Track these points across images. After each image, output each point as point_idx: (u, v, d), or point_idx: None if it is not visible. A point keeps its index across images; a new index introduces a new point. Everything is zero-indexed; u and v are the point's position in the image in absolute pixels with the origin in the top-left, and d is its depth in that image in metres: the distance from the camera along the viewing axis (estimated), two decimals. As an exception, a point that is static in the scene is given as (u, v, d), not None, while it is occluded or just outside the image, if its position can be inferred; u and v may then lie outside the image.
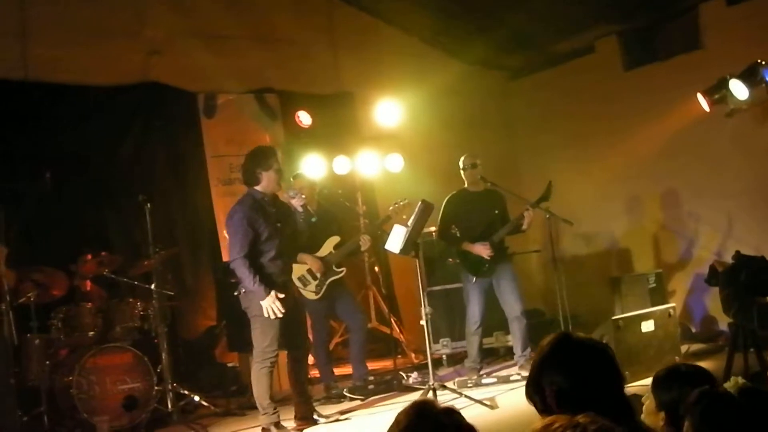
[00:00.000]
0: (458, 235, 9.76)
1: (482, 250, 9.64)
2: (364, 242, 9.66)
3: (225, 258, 10.94)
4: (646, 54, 12.51)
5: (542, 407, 3.10)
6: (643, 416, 3.79)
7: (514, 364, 9.90)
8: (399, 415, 2.67)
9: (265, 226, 7.81)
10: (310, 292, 9.35)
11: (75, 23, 10.58)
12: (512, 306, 9.79)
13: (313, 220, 8.48)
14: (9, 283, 8.06)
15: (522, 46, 13.58)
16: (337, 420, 8.22)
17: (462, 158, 9.95)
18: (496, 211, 9.92)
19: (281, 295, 7.69)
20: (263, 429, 7.91)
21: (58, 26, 10.45)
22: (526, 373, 9.26)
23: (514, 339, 9.87)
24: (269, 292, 7.62)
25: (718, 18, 11.50)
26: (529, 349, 9.70)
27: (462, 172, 9.92)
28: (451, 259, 10.10)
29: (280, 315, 7.64)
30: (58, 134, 10.19)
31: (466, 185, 9.97)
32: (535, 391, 3.13)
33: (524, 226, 9.78)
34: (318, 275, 9.39)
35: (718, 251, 11.37)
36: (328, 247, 9.54)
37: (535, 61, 13.91)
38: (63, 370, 8.84)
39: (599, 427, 2.21)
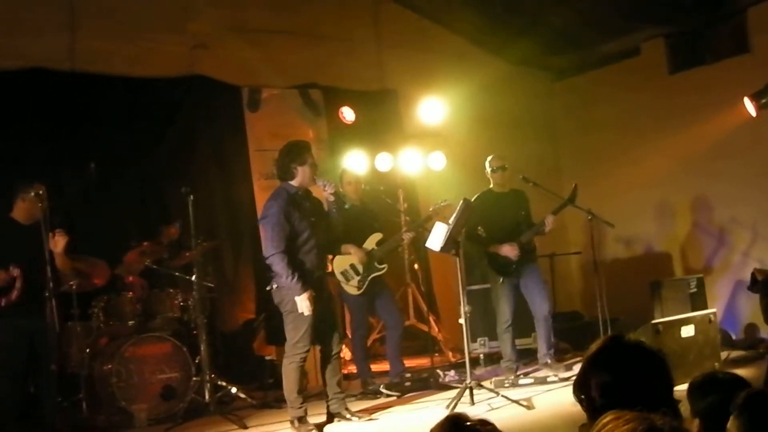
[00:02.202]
0: (484, 236, 9.74)
1: (509, 250, 9.64)
2: (407, 237, 9.71)
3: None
4: (692, 57, 12.42)
5: (587, 405, 3.07)
6: None
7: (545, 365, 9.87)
8: (433, 428, 2.64)
9: (300, 220, 7.80)
10: (352, 287, 9.39)
11: (122, 16, 10.69)
12: (540, 306, 9.80)
13: (347, 206, 8.42)
14: (66, 269, 8.19)
15: (567, 47, 13.53)
16: (369, 419, 8.20)
17: (489, 159, 9.92)
18: (522, 212, 9.93)
19: (313, 293, 7.71)
20: (290, 422, 7.95)
21: (105, 18, 10.55)
22: (561, 374, 9.29)
23: (539, 338, 9.90)
24: (306, 289, 7.63)
25: (767, 21, 11.40)
26: (552, 349, 9.84)
27: (489, 174, 9.91)
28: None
29: (308, 312, 7.67)
30: (103, 125, 10.29)
31: (491, 186, 9.96)
32: (581, 389, 3.10)
33: (546, 230, 9.78)
34: (360, 269, 9.42)
35: (761, 258, 11.28)
36: (370, 244, 9.54)
37: (580, 63, 13.84)
38: (102, 358, 8.96)
39: (669, 424, 2.18)
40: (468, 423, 2.57)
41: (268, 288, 8.01)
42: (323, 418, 8.05)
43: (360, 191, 9.82)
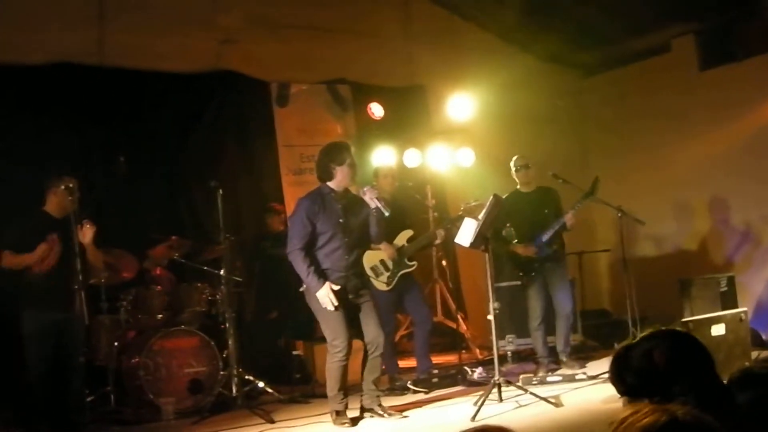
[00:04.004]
0: (513, 233, 9.76)
1: (523, 250, 9.77)
2: (440, 236, 9.69)
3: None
4: (723, 54, 12.31)
5: (623, 389, 3.04)
6: None
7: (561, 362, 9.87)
8: None
9: (325, 221, 7.83)
10: (381, 283, 9.37)
11: (151, 10, 10.71)
12: (562, 303, 9.90)
13: (387, 214, 8.35)
14: (97, 262, 8.24)
15: (596, 44, 13.46)
16: (401, 417, 8.14)
17: (513, 159, 10.00)
18: (546, 211, 9.92)
19: (335, 287, 7.71)
20: (329, 413, 7.96)
21: (134, 12, 10.56)
22: (577, 371, 9.26)
23: (559, 334, 9.98)
24: (323, 284, 7.67)
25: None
26: (569, 348, 9.94)
27: (514, 173, 9.97)
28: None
29: (332, 307, 7.67)
30: (132, 119, 10.33)
31: (518, 186, 9.99)
32: (618, 374, 3.07)
33: (568, 227, 9.79)
34: (390, 265, 9.41)
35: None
36: (401, 240, 9.54)
37: (610, 59, 13.75)
38: (130, 351, 9.00)
39: (690, 414, 2.14)
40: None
41: (300, 289, 8.04)
42: (356, 413, 8.04)
43: (394, 186, 9.78)
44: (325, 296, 7.65)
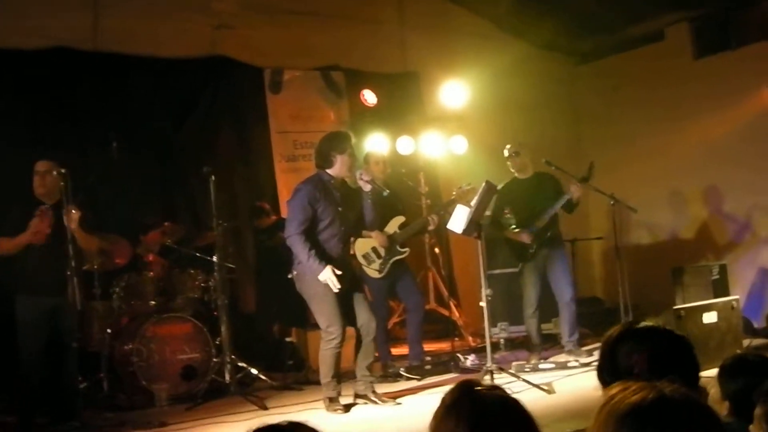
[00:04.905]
0: (512, 219, 9.74)
1: (517, 236, 9.72)
2: (432, 222, 9.65)
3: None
4: (717, 42, 12.31)
5: (601, 380, 3.05)
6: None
7: (568, 351, 9.82)
8: (445, 396, 2.60)
9: (325, 207, 7.82)
10: (373, 270, 9.37)
11: (146, -5, 10.67)
12: (563, 291, 9.84)
13: (385, 194, 8.35)
14: (90, 247, 8.19)
15: (591, 31, 13.45)
16: (395, 404, 8.16)
17: (506, 148, 9.96)
18: (545, 196, 9.84)
19: (338, 272, 7.70)
20: (322, 400, 7.97)
21: (129, -3, 10.53)
22: (583, 359, 9.25)
23: (563, 323, 9.91)
24: (325, 266, 7.63)
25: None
26: (576, 334, 9.82)
27: (507, 161, 9.93)
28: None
29: (336, 289, 7.66)
30: (125, 105, 10.29)
31: (515, 174, 9.96)
32: (600, 366, 3.08)
33: (575, 200, 9.64)
34: (382, 253, 9.40)
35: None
36: (393, 227, 9.51)
37: (604, 46, 13.75)
38: (123, 337, 9.00)
39: (678, 391, 2.15)
40: (478, 388, 2.54)
41: (289, 276, 8.02)
42: (349, 399, 8.06)
43: (386, 173, 9.76)
44: (327, 278, 7.64)
